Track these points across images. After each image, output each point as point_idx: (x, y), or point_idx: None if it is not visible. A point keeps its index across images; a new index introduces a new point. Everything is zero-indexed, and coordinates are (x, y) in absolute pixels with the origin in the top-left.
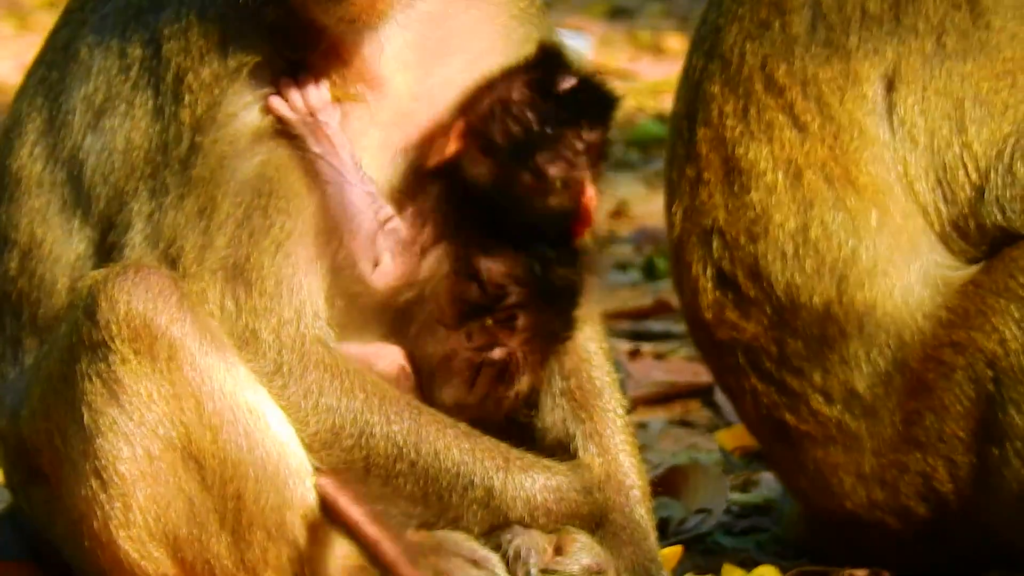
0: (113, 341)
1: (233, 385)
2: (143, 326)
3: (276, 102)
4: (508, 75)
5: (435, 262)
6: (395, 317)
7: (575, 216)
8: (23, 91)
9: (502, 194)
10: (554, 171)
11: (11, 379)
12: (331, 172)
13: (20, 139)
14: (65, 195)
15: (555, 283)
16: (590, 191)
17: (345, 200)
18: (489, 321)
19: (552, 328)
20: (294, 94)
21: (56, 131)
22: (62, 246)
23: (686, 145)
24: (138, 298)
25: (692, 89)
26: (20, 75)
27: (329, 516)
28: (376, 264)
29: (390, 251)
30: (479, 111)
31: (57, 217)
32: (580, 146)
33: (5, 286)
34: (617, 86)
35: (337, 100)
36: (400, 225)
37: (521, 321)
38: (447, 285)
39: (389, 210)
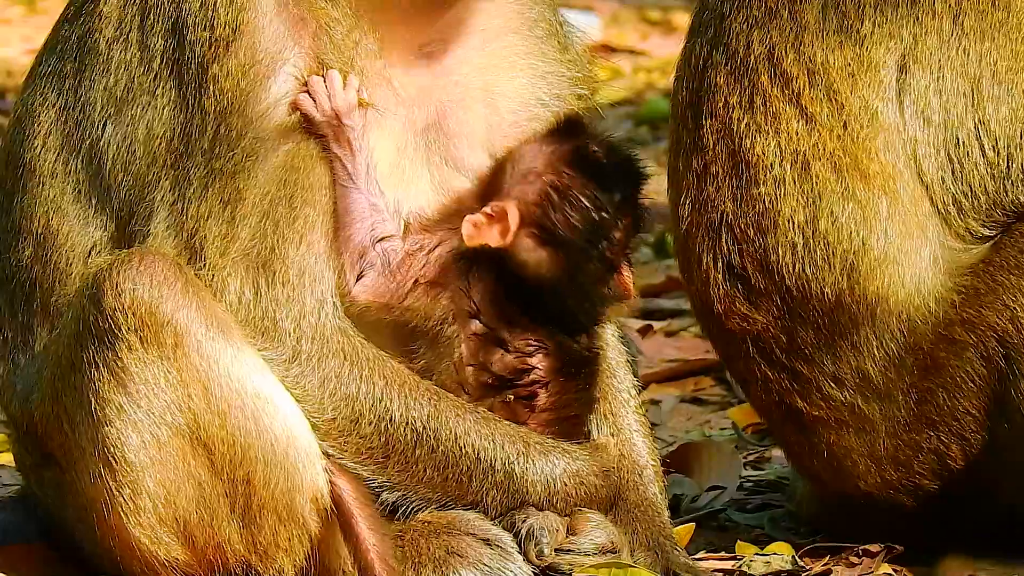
0: (119, 329)
1: (240, 370)
2: (148, 313)
3: (303, 100)
4: (545, 155)
5: (426, 298)
6: (406, 343)
7: (616, 296)
8: (33, 81)
9: (562, 282)
10: (617, 260)
11: (23, 365)
12: (343, 176)
13: (33, 129)
14: (81, 184)
15: (579, 357)
16: (626, 271)
17: (349, 206)
18: (511, 396)
19: (570, 411)
20: (321, 94)
21: (73, 122)
22: (77, 235)
23: (691, 135)
24: (143, 286)
25: (696, 78)
26: (29, 58)
27: (338, 518)
28: (359, 277)
29: (376, 269)
30: (530, 198)
31: (72, 206)
32: (626, 230)
33: (19, 274)
34: (626, 63)
35: (362, 104)
36: (397, 247)
37: (541, 399)
38: (471, 349)
39: (389, 228)
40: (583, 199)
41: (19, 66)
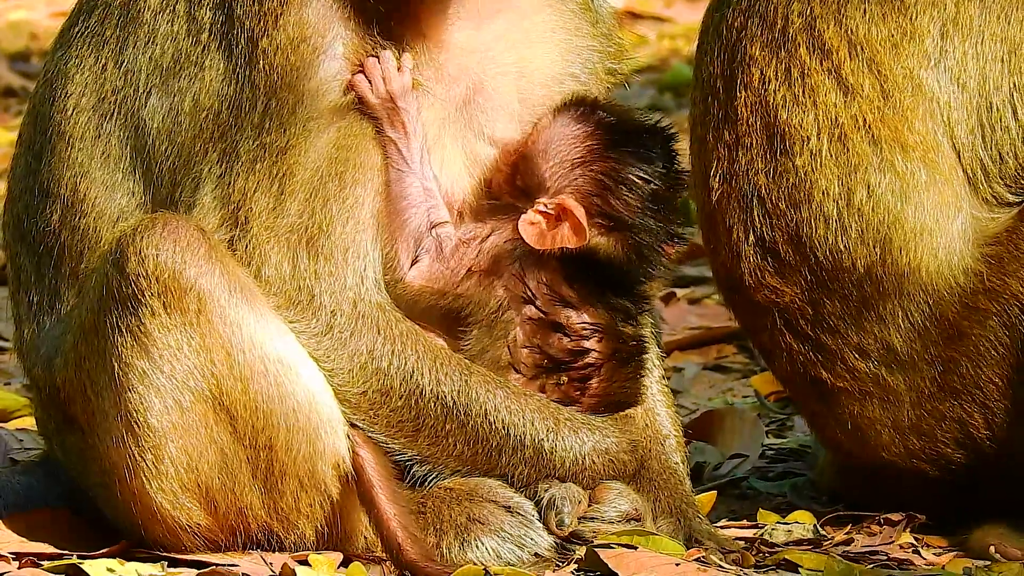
0: (142, 294)
1: (263, 336)
2: (172, 279)
3: (359, 81)
4: (580, 141)
5: (480, 287)
6: (459, 326)
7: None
8: (67, 41)
9: (630, 259)
10: (673, 225)
11: (47, 328)
12: (397, 159)
13: (65, 90)
14: (112, 149)
15: (632, 341)
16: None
17: (404, 189)
18: (564, 378)
19: (619, 398)
20: (377, 76)
21: (111, 87)
22: (106, 200)
23: (723, 107)
24: (167, 251)
25: (729, 49)
26: (54, 21)
27: (358, 488)
28: (414, 262)
29: (430, 254)
30: (586, 190)
31: (100, 171)
32: (674, 193)
33: (47, 238)
34: (650, 30)
35: (416, 86)
36: (451, 233)
37: (593, 383)
38: (526, 332)
39: (444, 214)
40: (635, 178)
41: (44, 29)
